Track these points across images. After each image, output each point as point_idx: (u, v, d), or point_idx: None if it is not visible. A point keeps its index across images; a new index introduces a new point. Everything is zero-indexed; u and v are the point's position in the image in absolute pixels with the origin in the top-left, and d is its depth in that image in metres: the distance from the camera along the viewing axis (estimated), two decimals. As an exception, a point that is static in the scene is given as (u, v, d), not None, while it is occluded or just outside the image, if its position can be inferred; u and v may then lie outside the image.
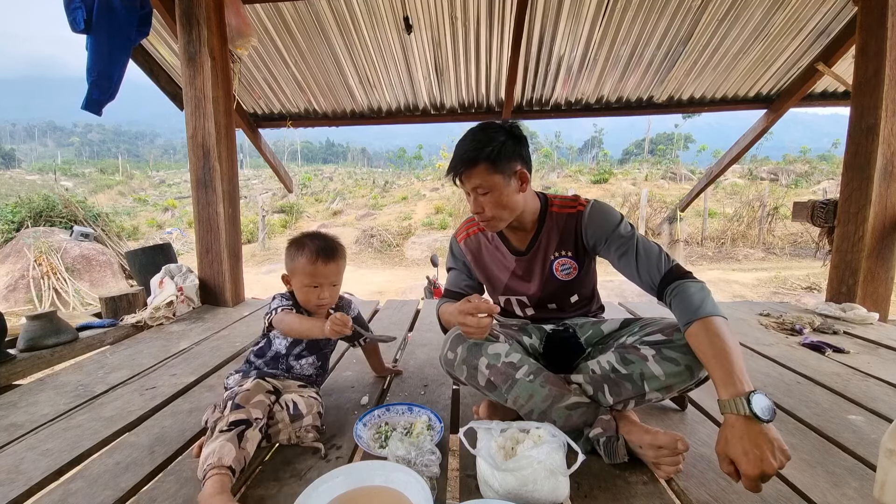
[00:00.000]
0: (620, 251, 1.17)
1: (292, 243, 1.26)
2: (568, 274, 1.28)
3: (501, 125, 1.17)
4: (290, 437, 1.11)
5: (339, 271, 1.27)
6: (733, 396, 0.85)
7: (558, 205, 1.28)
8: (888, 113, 2.31)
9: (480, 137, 1.14)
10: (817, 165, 16.83)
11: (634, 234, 1.19)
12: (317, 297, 1.24)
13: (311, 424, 1.13)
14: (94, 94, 2.43)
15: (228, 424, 0.97)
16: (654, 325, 1.13)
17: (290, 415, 1.12)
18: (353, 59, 3.54)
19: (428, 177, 18.34)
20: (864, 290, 2.44)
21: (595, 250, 1.26)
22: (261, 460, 1.07)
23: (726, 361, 0.90)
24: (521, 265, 1.31)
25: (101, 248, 7.26)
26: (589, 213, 1.23)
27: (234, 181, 2.78)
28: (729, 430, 0.84)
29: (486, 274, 1.38)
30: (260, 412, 1.04)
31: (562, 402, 1.05)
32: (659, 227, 11.75)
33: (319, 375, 1.36)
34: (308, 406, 1.15)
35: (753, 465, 0.79)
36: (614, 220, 1.21)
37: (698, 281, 1.06)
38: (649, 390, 1.03)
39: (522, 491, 0.86)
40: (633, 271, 1.15)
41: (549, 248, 1.27)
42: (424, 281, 4.82)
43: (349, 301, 1.42)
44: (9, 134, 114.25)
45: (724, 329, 0.95)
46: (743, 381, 0.87)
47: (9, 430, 1.23)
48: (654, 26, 3.20)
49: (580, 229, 1.24)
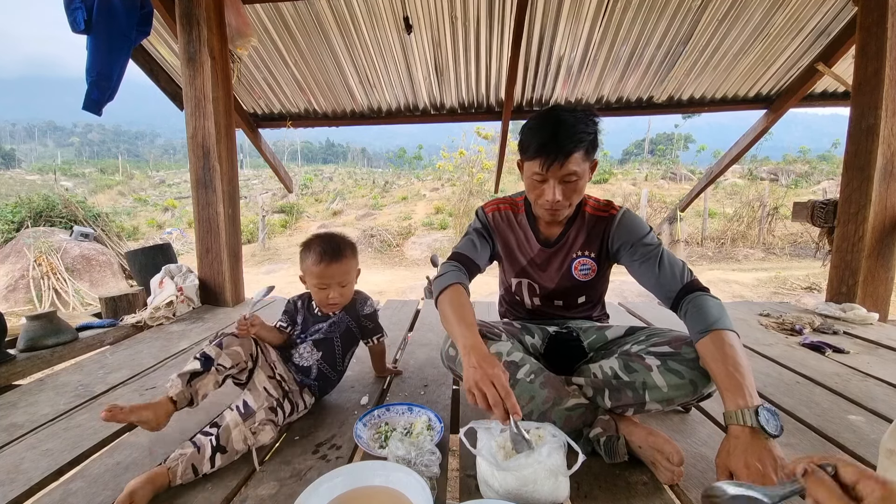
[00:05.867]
0: (643, 258, 1.18)
1: (304, 245, 1.30)
2: (586, 275, 1.28)
3: (588, 112, 1.13)
4: (245, 437, 1.04)
5: (345, 271, 1.28)
6: (741, 408, 0.84)
7: (592, 206, 1.29)
8: (888, 113, 2.31)
9: (574, 123, 1.08)
10: (817, 165, 16.82)
11: (660, 244, 1.20)
12: (326, 297, 1.27)
13: (265, 419, 1.08)
14: (93, 94, 2.43)
15: (198, 355, 1.14)
16: (662, 337, 1.12)
17: (240, 413, 1.06)
18: (353, 59, 3.54)
19: (428, 177, 18.32)
20: (864, 290, 2.44)
21: (617, 255, 1.26)
22: (261, 460, 1.07)
23: (737, 373, 0.89)
24: (542, 255, 1.31)
25: (101, 248, 7.25)
26: (620, 219, 1.24)
27: (234, 181, 2.78)
28: (732, 442, 0.83)
29: (507, 251, 1.36)
30: (230, 361, 1.15)
31: (562, 404, 1.05)
32: (659, 227, 11.74)
33: (323, 375, 1.32)
34: (258, 401, 1.10)
35: (754, 479, 0.77)
36: (644, 230, 1.22)
37: (716, 297, 1.07)
38: (649, 400, 1.03)
39: (522, 491, 0.86)
40: (652, 277, 1.15)
41: (573, 245, 1.28)
42: (424, 281, 4.82)
43: (365, 297, 1.42)
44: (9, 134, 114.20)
45: (737, 344, 0.95)
46: (753, 394, 0.87)
47: (9, 430, 1.23)
48: (654, 26, 3.20)
49: (608, 233, 1.25)
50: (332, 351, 1.34)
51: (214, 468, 1.00)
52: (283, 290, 7.56)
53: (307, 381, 1.30)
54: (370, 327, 1.43)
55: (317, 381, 1.32)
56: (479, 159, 12.99)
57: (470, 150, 13.08)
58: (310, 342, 1.32)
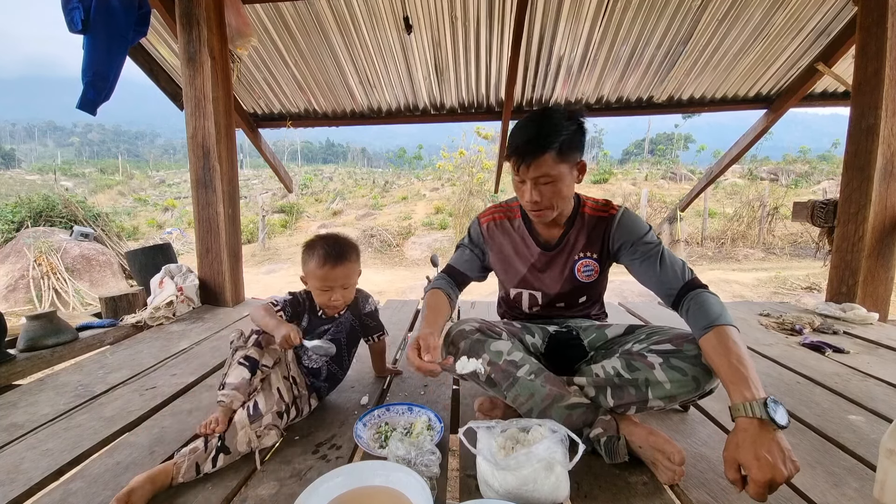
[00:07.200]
0: (643, 256, 1.18)
1: (306, 246, 1.29)
2: (589, 276, 1.28)
3: (568, 112, 1.14)
4: (249, 440, 1.05)
5: (349, 274, 1.28)
6: (748, 400, 0.84)
7: (591, 206, 1.29)
8: (888, 113, 2.31)
9: (548, 124, 1.10)
10: (817, 165, 16.80)
11: (660, 243, 1.21)
12: (328, 299, 1.27)
13: (270, 423, 1.09)
14: (89, 94, 2.42)
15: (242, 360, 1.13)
16: (663, 335, 1.12)
17: (248, 415, 1.07)
18: (353, 59, 3.54)
19: (428, 177, 18.31)
20: (864, 290, 2.44)
21: (618, 255, 1.26)
22: (261, 460, 1.07)
23: (742, 367, 0.90)
24: (543, 259, 1.30)
25: (101, 248, 7.25)
26: (620, 218, 1.24)
27: (234, 181, 2.78)
28: (741, 435, 0.83)
29: (504, 264, 1.36)
30: (271, 360, 1.17)
31: (562, 402, 1.05)
32: (659, 227, 11.74)
33: (331, 375, 1.34)
34: (269, 404, 1.11)
35: (764, 470, 0.77)
36: (643, 229, 1.23)
37: (716, 294, 1.08)
38: (652, 398, 1.03)
39: (523, 490, 0.86)
40: (653, 276, 1.15)
41: (575, 247, 1.28)
42: (424, 281, 4.81)
43: (367, 296, 1.43)
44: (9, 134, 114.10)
45: (740, 340, 0.96)
46: (758, 387, 0.87)
47: (9, 430, 1.23)
48: (654, 26, 3.20)
49: (609, 233, 1.25)
50: (339, 351, 1.35)
51: (216, 468, 1.00)
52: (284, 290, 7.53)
53: (318, 383, 1.32)
54: (372, 325, 1.44)
55: (326, 382, 1.34)
56: (479, 159, 12.97)
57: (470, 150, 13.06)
58: None
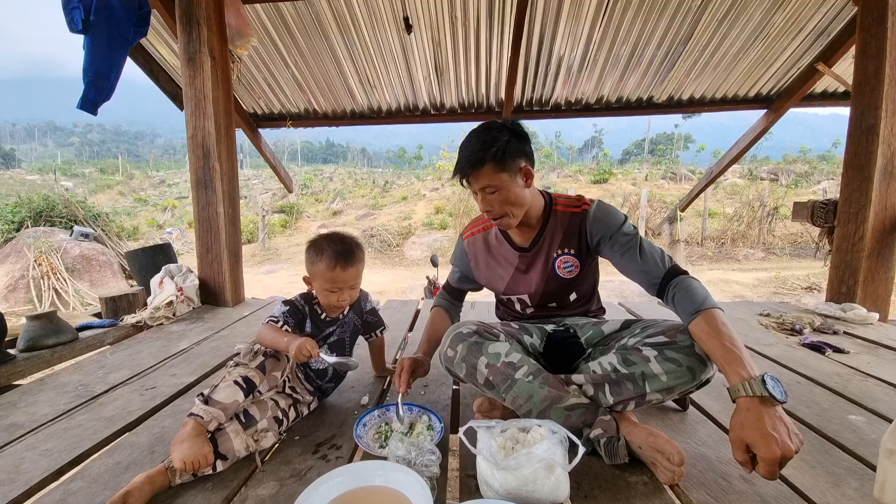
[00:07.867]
0: (623, 248, 1.19)
1: (312, 246, 1.24)
2: (570, 272, 1.29)
3: (503, 124, 1.18)
4: (247, 444, 1.05)
5: (357, 274, 1.27)
6: (745, 379, 0.86)
7: (563, 203, 1.30)
8: (888, 113, 2.31)
9: (484, 138, 1.15)
10: (817, 165, 16.80)
11: (638, 233, 1.22)
12: (336, 299, 1.25)
13: (266, 427, 1.10)
14: (90, 94, 2.42)
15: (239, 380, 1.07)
16: (657, 327, 1.13)
17: (240, 423, 1.07)
18: (353, 59, 3.54)
19: (428, 177, 18.32)
20: (864, 290, 2.44)
21: (598, 249, 1.27)
22: (261, 460, 1.07)
23: (735, 347, 0.92)
24: (524, 262, 1.32)
25: (101, 248, 7.25)
26: (593, 212, 1.25)
27: (234, 181, 2.78)
28: (744, 414, 0.84)
29: (487, 275, 1.40)
30: (267, 386, 1.14)
31: (560, 402, 1.05)
32: (659, 227, 11.75)
33: (337, 375, 1.35)
34: (262, 412, 1.11)
35: (773, 448, 0.78)
36: (618, 220, 1.23)
37: (696, 279, 1.10)
38: (650, 391, 1.04)
39: (523, 491, 0.86)
40: (635, 268, 1.17)
41: (552, 245, 1.29)
42: (424, 281, 4.82)
43: (365, 294, 1.43)
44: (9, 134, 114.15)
45: (728, 321, 0.99)
46: (752, 365, 0.89)
47: (9, 430, 1.23)
48: (654, 26, 3.20)
49: (584, 228, 1.25)
50: (344, 350, 1.37)
51: (215, 472, 1.00)
52: (283, 290, 7.55)
53: (324, 384, 1.32)
54: (372, 321, 1.44)
55: (332, 383, 1.35)
56: (478, 159, 12.96)
57: (470, 150, 13.04)
58: (325, 348, 1.31)
